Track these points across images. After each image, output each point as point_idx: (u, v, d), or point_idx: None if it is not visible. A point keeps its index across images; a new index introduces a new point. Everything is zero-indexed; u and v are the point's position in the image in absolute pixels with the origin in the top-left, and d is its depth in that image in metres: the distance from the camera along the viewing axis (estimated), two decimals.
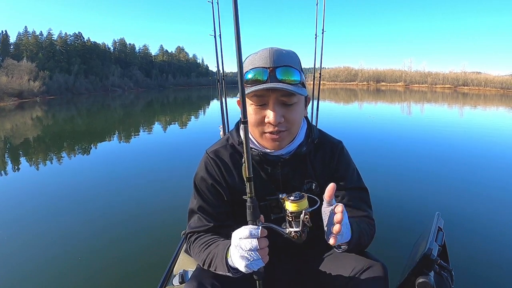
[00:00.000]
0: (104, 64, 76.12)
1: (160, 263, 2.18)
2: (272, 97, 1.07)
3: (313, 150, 1.26)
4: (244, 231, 0.92)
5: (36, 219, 4.18)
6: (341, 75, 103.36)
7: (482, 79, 79.27)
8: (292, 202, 0.94)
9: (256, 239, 0.91)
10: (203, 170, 1.25)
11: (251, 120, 1.11)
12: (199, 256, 1.18)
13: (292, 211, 0.94)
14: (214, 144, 1.30)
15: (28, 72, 48.54)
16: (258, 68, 1.07)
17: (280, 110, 1.08)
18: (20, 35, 67.88)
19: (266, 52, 1.09)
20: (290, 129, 1.13)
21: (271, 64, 1.06)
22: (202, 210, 1.24)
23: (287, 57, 1.10)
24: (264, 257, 0.93)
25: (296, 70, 1.09)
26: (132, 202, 4.71)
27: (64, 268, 3.04)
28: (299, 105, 1.13)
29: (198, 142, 9.38)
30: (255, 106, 1.10)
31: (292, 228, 0.95)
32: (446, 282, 1.25)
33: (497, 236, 3.45)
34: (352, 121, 14.18)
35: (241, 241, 0.93)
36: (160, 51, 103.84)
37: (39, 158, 8.10)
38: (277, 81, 1.05)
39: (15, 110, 26.32)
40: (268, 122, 1.09)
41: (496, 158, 7.20)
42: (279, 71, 1.06)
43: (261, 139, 1.15)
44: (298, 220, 0.94)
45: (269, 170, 1.23)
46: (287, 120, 1.10)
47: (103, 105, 31.38)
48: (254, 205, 0.93)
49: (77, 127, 15.40)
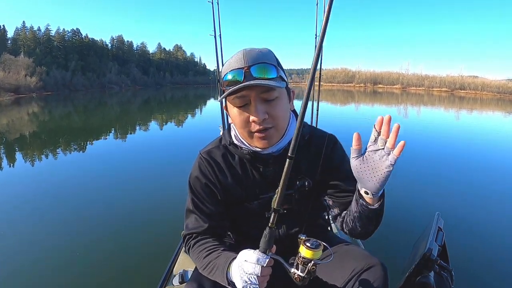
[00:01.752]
0: (102, 61, 75.84)
1: (160, 263, 2.18)
2: (252, 96, 1.07)
3: (305, 146, 1.26)
4: (252, 255, 0.94)
5: (33, 218, 4.15)
6: (338, 76, 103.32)
7: (479, 83, 79.46)
8: (308, 249, 0.93)
9: (260, 266, 0.92)
10: (197, 170, 1.26)
11: (237, 122, 1.12)
12: (198, 261, 1.19)
13: (304, 256, 0.93)
14: (208, 145, 1.31)
15: (25, 68, 48.29)
16: (233, 70, 1.07)
17: (263, 107, 1.08)
18: (18, 30, 67.59)
19: (240, 53, 1.09)
20: (276, 125, 1.12)
21: (246, 63, 1.06)
22: (198, 210, 1.24)
23: (261, 55, 1.10)
24: (262, 284, 0.94)
25: (271, 65, 1.09)
26: (131, 202, 4.69)
27: (64, 268, 3.03)
28: (282, 100, 1.13)
29: (198, 141, 9.23)
30: (238, 108, 1.10)
31: (297, 270, 0.95)
32: (446, 282, 1.25)
33: (497, 236, 3.47)
34: (351, 121, 14.24)
35: (245, 264, 0.94)
36: (158, 49, 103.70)
37: (35, 154, 8.07)
38: (254, 79, 1.04)
39: (11, 106, 26.18)
40: (253, 121, 1.09)
41: (496, 158, 7.27)
42: (254, 69, 1.06)
43: (250, 139, 1.15)
44: (305, 266, 0.93)
45: (260, 168, 1.23)
46: (271, 116, 1.09)
47: (100, 102, 31.28)
48: (271, 236, 0.95)
49: (73, 123, 15.34)
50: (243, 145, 1.20)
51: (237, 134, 1.21)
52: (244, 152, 1.20)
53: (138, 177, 6.00)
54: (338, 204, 1.27)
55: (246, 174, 1.24)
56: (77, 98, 36.19)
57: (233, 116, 1.13)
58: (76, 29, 75.57)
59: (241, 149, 1.21)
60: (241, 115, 1.10)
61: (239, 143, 1.21)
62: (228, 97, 1.09)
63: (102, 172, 6.43)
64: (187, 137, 10.93)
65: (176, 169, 6.13)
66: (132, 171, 6.44)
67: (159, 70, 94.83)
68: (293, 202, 1.25)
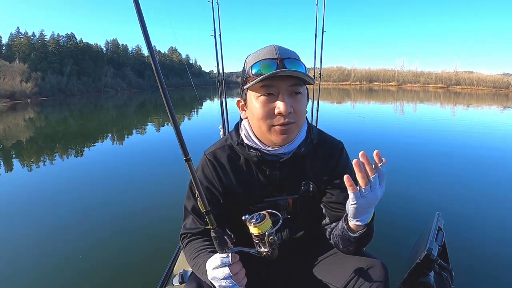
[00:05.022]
0: (97, 65, 75.57)
1: (160, 263, 2.18)
2: (282, 86, 1.06)
3: (312, 150, 1.24)
4: (216, 261, 0.94)
5: (33, 222, 4.14)
6: (334, 75, 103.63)
7: (475, 78, 79.89)
8: (254, 226, 0.94)
9: (227, 267, 0.93)
10: (200, 171, 1.24)
11: (258, 114, 1.09)
12: (189, 260, 1.19)
13: (256, 234, 0.95)
14: (213, 145, 1.29)
15: (20, 73, 48.10)
16: (265, 60, 1.06)
17: (290, 101, 1.07)
18: (12, 36, 67.27)
19: (271, 47, 1.10)
20: (297, 121, 1.11)
21: (278, 56, 1.06)
22: (196, 212, 1.23)
23: (292, 52, 1.11)
24: (240, 281, 0.95)
25: (301, 62, 1.09)
26: (131, 203, 4.69)
27: (64, 268, 3.04)
28: (304, 98, 1.13)
29: (198, 141, 9.28)
30: (264, 96, 1.07)
31: (260, 248, 0.96)
32: (446, 282, 1.25)
33: (497, 236, 3.46)
34: (350, 121, 14.20)
35: (214, 272, 0.94)
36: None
37: (32, 159, 8.02)
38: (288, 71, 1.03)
39: (7, 112, 26.07)
40: (278, 113, 1.07)
41: (496, 158, 7.22)
42: (288, 62, 1.05)
43: (268, 133, 1.11)
44: (264, 241, 0.95)
45: (267, 172, 1.22)
46: (295, 111, 1.08)
47: (96, 106, 31.17)
48: (219, 235, 0.94)
49: (70, 128, 15.26)
50: (255, 144, 1.18)
51: (249, 133, 1.19)
52: (251, 154, 1.18)
53: (137, 178, 6.01)
54: (329, 215, 1.27)
55: (251, 176, 1.22)
56: (73, 103, 36.04)
57: (255, 108, 1.10)
58: (71, 34, 75.32)
59: (249, 150, 1.19)
60: (266, 106, 1.08)
61: (250, 142, 1.19)
62: (253, 87, 1.07)
63: (101, 174, 6.42)
64: (186, 138, 10.78)
65: (175, 169, 6.11)
66: (131, 173, 6.43)
67: None
68: (298, 206, 1.25)
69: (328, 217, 1.27)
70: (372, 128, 11.87)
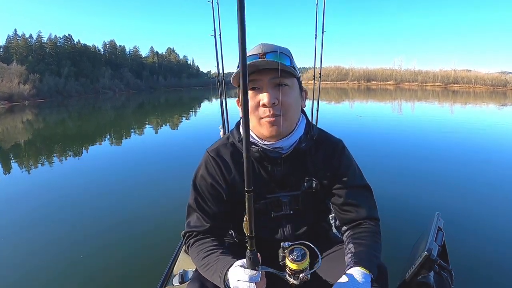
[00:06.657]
0: (95, 66, 75.28)
1: (160, 263, 2.18)
2: (264, 79, 1.10)
3: (314, 147, 1.26)
4: (243, 275, 0.94)
5: (33, 222, 4.15)
6: (331, 74, 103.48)
7: (472, 76, 79.99)
8: (292, 262, 0.93)
9: (254, 284, 0.92)
10: (204, 168, 1.25)
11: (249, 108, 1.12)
12: (197, 260, 1.19)
13: (291, 268, 0.94)
14: (215, 143, 1.31)
15: (18, 75, 47.91)
16: (249, 56, 1.10)
17: (274, 93, 1.10)
18: (9, 38, 66.97)
19: (259, 45, 1.14)
20: (285, 113, 1.13)
21: (262, 51, 1.11)
22: (201, 209, 1.24)
23: (277, 47, 1.14)
24: None
25: (286, 55, 1.13)
26: (131, 203, 4.71)
27: (65, 269, 3.04)
28: (293, 90, 1.16)
29: (198, 141, 9.37)
30: (251, 91, 1.12)
31: (291, 278, 0.95)
32: (446, 282, 1.25)
33: (497, 236, 3.46)
34: (349, 121, 14.20)
35: (239, 283, 0.94)
36: (151, 53, 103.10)
37: (31, 162, 7.99)
38: None
39: (5, 114, 25.99)
40: (262, 105, 1.11)
41: (496, 157, 7.20)
42: (269, 55, 1.10)
43: (259, 126, 1.15)
44: (297, 276, 0.94)
45: (269, 168, 1.23)
46: (281, 103, 1.11)
47: (94, 108, 31.11)
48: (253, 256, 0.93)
49: (68, 129, 15.25)
50: (254, 140, 1.20)
51: None
52: (253, 150, 1.19)
53: (137, 179, 6.01)
54: (339, 218, 1.29)
55: (253, 173, 1.22)
56: (71, 104, 35.95)
57: None
58: (68, 35, 75.04)
59: (250, 147, 1.19)
60: (252, 100, 1.12)
61: (250, 139, 1.20)
62: None
63: (100, 175, 6.43)
64: (186, 138, 10.95)
65: (175, 170, 6.14)
66: (131, 173, 6.44)
67: (153, 73, 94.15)
68: (300, 203, 1.26)
69: (339, 220, 1.30)
70: (371, 128, 11.89)
